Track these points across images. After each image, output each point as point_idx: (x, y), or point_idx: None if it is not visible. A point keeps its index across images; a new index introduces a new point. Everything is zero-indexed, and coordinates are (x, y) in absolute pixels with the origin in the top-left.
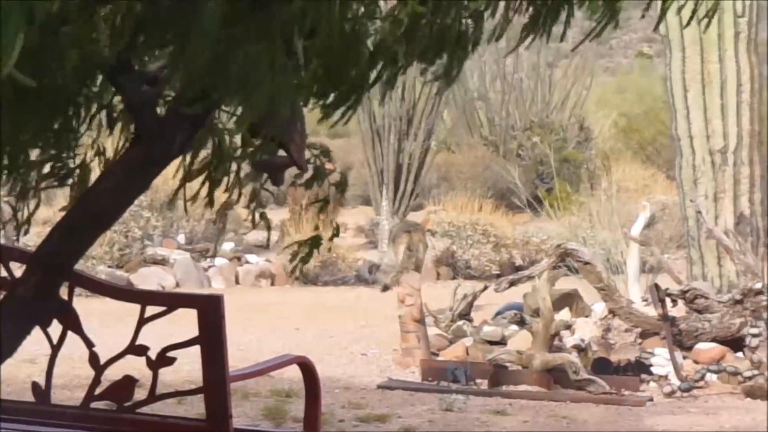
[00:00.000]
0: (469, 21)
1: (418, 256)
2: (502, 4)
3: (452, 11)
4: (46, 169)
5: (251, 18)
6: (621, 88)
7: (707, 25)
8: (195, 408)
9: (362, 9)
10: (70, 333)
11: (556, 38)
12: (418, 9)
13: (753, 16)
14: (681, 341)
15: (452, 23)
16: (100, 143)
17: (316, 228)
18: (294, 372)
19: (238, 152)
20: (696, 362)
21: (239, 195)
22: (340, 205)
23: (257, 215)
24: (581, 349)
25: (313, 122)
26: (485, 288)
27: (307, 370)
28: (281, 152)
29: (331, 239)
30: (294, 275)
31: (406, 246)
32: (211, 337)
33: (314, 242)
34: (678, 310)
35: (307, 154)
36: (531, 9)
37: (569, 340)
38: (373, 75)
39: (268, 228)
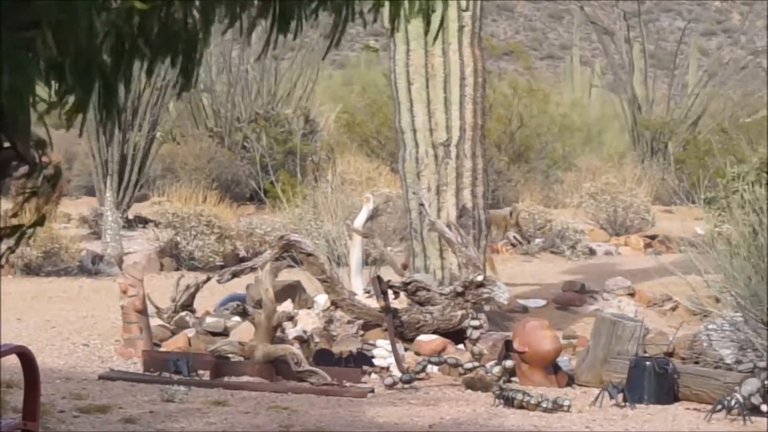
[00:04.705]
0: (198, 16)
1: None
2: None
3: (179, 5)
4: None
5: None
6: (348, 81)
7: (438, 29)
8: None
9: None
10: None
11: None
12: (138, 5)
13: (477, 10)
14: (403, 333)
15: (182, 18)
16: None
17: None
18: (14, 362)
19: None
20: (417, 354)
21: None
22: (55, 199)
23: None
24: (303, 341)
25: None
26: (208, 279)
27: (27, 360)
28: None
29: (33, 227)
30: (7, 264)
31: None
32: None
33: (15, 232)
34: (400, 302)
35: None
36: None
37: (291, 331)
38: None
39: None
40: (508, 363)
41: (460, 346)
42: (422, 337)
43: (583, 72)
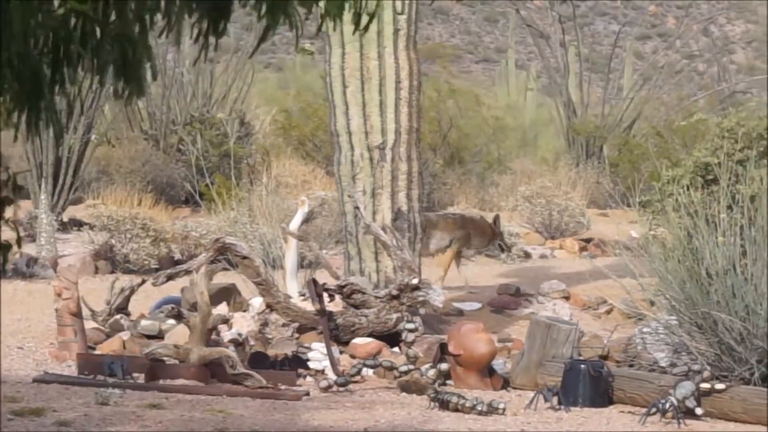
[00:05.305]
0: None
1: None
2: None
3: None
4: None
5: None
6: (283, 84)
7: (366, 27)
8: None
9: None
10: None
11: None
12: (79, 7)
13: (412, 13)
14: (338, 336)
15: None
16: None
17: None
18: None
19: None
20: (353, 357)
21: None
22: (15, 202)
23: None
24: (238, 344)
25: None
26: (143, 282)
27: None
28: None
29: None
30: None
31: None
32: None
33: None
34: (335, 305)
35: None
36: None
37: (227, 334)
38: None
39: None
40: (443, 366)
41: (396, 349)
42: (357, 340)
43: (519, 75)
